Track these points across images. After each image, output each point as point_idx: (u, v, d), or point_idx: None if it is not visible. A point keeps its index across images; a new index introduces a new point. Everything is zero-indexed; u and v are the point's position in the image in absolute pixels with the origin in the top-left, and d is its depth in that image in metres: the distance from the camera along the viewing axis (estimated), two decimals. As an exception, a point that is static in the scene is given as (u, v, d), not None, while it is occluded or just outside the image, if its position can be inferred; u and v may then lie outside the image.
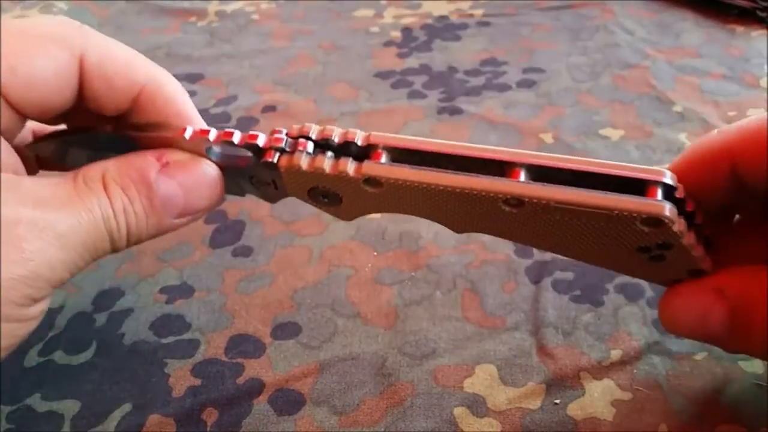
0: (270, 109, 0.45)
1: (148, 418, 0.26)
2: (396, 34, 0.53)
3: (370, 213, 0.24)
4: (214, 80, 0.48)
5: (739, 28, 0.50)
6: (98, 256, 0.22)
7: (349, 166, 0.22)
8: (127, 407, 0.26)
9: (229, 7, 0.59)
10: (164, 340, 0.29)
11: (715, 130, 0.23)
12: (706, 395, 0.25)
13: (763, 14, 0.50)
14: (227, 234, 0.34)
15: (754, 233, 0.24)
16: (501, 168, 0.21)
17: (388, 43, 0.52)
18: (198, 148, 0.23)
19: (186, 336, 0.29)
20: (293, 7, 0.59)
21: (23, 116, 0.23)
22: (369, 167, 0.21)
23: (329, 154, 0.22)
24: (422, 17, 0.55)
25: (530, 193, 0.20)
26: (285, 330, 0.29)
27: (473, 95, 0.45)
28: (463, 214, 0.22)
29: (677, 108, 0.42)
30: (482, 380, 0.26)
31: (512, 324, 0.29)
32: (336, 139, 0.22)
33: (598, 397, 0.25)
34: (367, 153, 0.22)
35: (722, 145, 0.22)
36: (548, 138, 0.40)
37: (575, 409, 0.25)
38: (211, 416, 0.26)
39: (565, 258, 0.29)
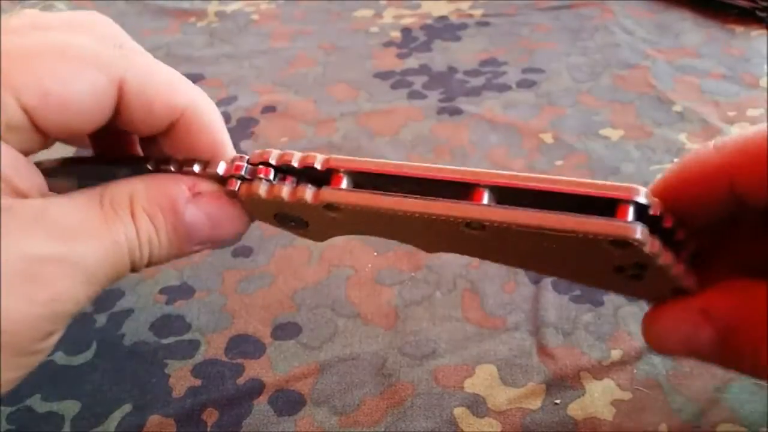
0: (270, 109, 0.45)
1: (149, 419, 0.26)
2: (396, 35, 0.53)
3: (340, 235, 0.23)
4: (214, 81, 0.48)
5: (739, 28, 0.50)
6: (116, 280, 0.21)
7: (308, 193, 0.21)
8: (127, 408, 0.26)
9: (229, 8, 0.59)
10: (164, 341, 0.29)
11: (711, 143, 0.22)
12: (706, 395, 0.25)
13: (762, 14, 0.50)
14: (227, 234, 0.34)
15: (753, 246, 0.24)
16: (465, 189, 0.20)
17: (388, 44, 0.52)
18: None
19: (186, 336, 0.29)
20: (293, 8, 0.59)
21: (49, 137, 0.21)
22: (327, 193, 0.21)
23: (290, 180, 0.22)
24: (422, 17, 0.55)
25: (490, 217, 0.19)
26: (285, 330, 0.29)
27: (473, 95, 0.45)
28: (429, 236, 0.22)
29: (677, 108, 0.42)
30: (482, 380, 0.26)
31: (512, 324, 0.29)
32: (296, 164, 0.21)
33: (599, 397, 0.25)
34: (328, 177, 0.21)
35: (720, 161, 0.22)
36: (548, 138, 0.40)
37: (575, 409, 0.25)
38: (211, 417, 0.26)
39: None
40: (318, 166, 0.21)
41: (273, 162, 0.22)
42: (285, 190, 0.21)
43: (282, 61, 0.50)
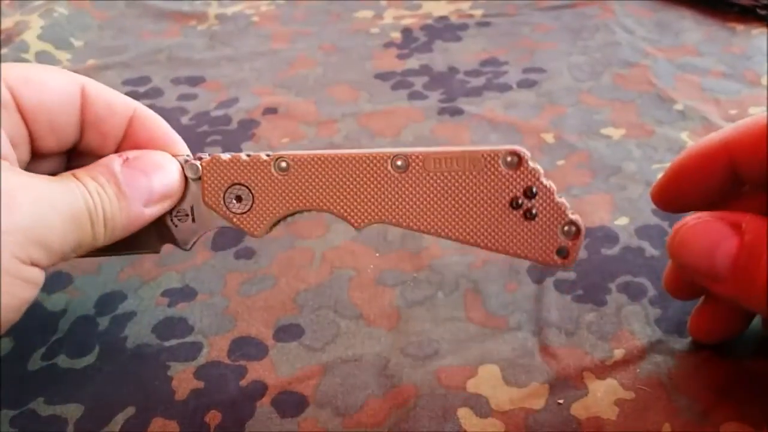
0: (271, 111, 0.45)
1: (152, 421, 0.26)
2: (396, 35, 0.53)
3: (280, 215, 0.26)
4: (214, 83, 0.49)
5: (740, 26, 0.50)
6: (82, 237, 0.23)
7: (262, 154, 0.26)
8: (130, 410, 0.26)
9: (229, 10, 0.59)
10: (167, 343, 0.29)
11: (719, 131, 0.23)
12: (709, 394, 0.25)
13: (763, 12, 0.50)
14: (229, 237, 0.34)
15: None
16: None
17: (389, 45, 0.52)
18: None
19: (189, 339, 0.29)
20: (293, 9, 0.59)
21: (31, 134, 0.25)
22: (278, 153, 0.26)
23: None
24: (422, 18, 0.55)
25: (413, 151, 0.25)
26: (288, 332, 0.29)
27: (474, 96, 0.45)
28: (360, 193, 0.25)
29: (678, 106, 0.42)
30: (485, 381, 0.26)
31: (515, 324, 0.29)
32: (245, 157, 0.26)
33: (602, 397, 0.25)
34: None
35: (721, 141, 0.23)
36: (549, 138, 0.40)
37: (579, 409, 0.25)
38: (214, 419, 0.26)
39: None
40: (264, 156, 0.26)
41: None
42: (243, 154, 0.26)
43: (282, 63, 0.50)
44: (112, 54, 0.53)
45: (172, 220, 0.27)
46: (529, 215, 0.24)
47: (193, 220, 0.27)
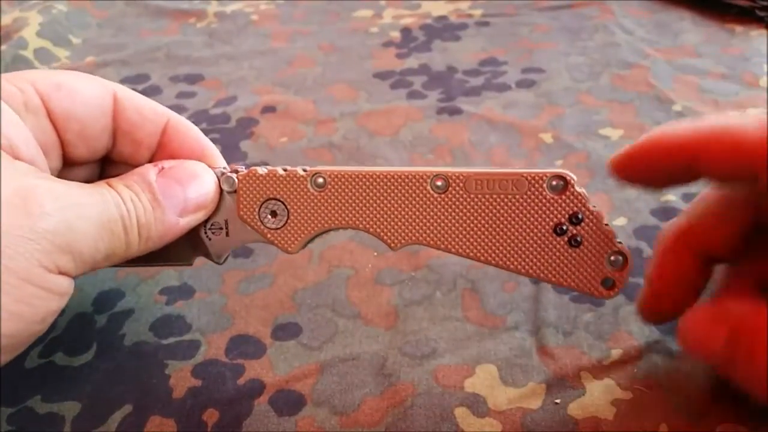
0: (270, 110, 0.45)
1: (149, 420, 0.26)
2: (395, 35, 0.53)
3: (315, 232, 0.26)
4: (213, 81, 0.48)
5: (738, 28, 0.50)
6: (115, 244, 0.23)
7: (299, 168, 0.25)
8: (127, 408, 0.26)
9: (228, 8, 0.59)
10: (165, 341, 0.29)
11: (684, 122, 0.23)
12: (706, 394, 0.25)
13: (762, 13, 0.50)
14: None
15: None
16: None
17: (388, 44, 0.52)
18: None
19: (186, 337, 0.29)
20: (292, 8, 0.59)
21: (62, 141, 0.25)
22: (315, 168, 0.25)
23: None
24: (421, 17, 0.55)
25: (454, 171, 0.24)
26: (285, 331, 0.29)
27: (473, 95, 0.45)
28: (397, 213, 0.25)
29: (677, 107, 0.42)
30: (483, 380, 0.26)
31: (512, 324, 0.29)
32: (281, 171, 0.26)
33: (599, 397, 0.25)
34: None
35: (689, 138, 0.23)
36: (548, 138, 0.40)
37: (576, 409, 0.25)
38: (211, 417, 0.26)
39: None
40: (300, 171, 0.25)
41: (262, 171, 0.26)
42: (279, 168, 0.25)
43: (281, 62, 0.50)
44: (110, 51, 0.53)
45: (206, 232, 0.26)
46: (574, 242, 0.24)
47: (227, 233, 0.26)
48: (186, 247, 0.27)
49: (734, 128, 0.22)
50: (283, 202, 0.25)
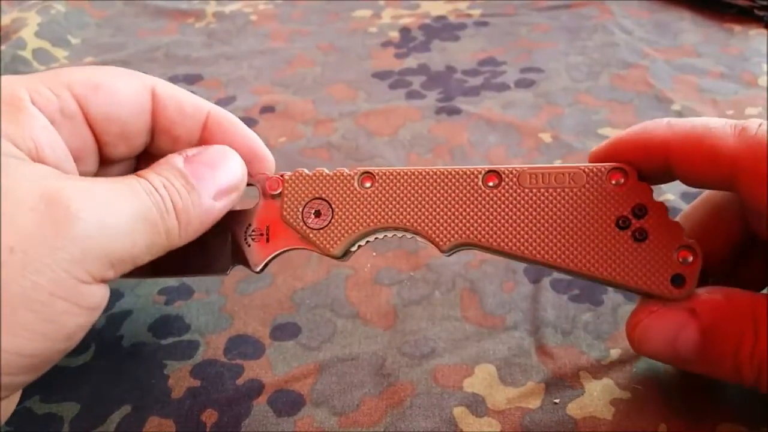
0: (269, 110, 0.45)
1: (148, 420, 0.26)
2: (394, 35, 0.53)
3: (359, 231, 0.25)
4: (212, 81, 0.48)
5: (737, 27, 0.50)
6: (154, 234, 0.22)
7: (345, 169, 0.25)
8: (126, 409, 0.26)
9: (227, 8, 0.59)
10: (163, 342, 0.29)
11: (666, 119, 0.23)
12: (705, 394, 0.25)
13: (760, 13, 0.50)
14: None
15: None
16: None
17: (386, 44, 0.52)
18: None
19: (185, 337, 0.29)
20: (291, 8, 0.59)
21: (100, 143, 0.24)
22: (363, 167, 0.25)
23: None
24: (420, 17, 0.55)
25: (506, 167, 0.23)
26: (284, 331, 0.29)
27: (472, 95, 0.45)
28: (447, 211, 0.24)
29: (676, 107, 0.42)
30: (482, 380, 0.26)
31: (511, 323, 0.29)
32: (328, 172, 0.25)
33: (598, 396, 0.25)
34: None
35: (664, 136, 0.23)
36: (547, 138, 0.40)
37: (575, 409, 0.25)
38: (210, 417, 0.26)
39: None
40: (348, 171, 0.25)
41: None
42: (325, 169, 0.25)
43: (280, 62, 0.50)
44: (109, 51, 0.53)
45: (246, 239, 0.26)
46: (639, 236, 0.22)
47: (268, 239, 0.26)
48: (225, 253, 0.26)
49: (711, 134, 0.21)
50: (328, 201, 0.25)
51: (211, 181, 0.24)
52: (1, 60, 0.49)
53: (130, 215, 0.21)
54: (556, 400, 0.25)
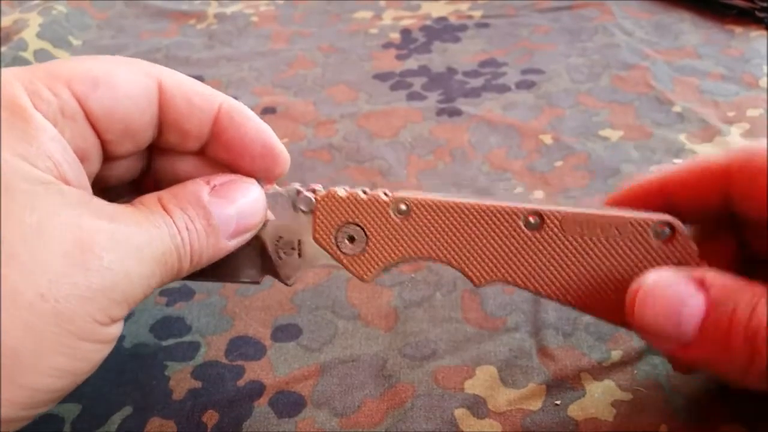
0: (270, 111, 0.45)
1: (149, 421, 0.26)
2: (395, 36, 0.53)
3: (393, 259, 0.24)
4: (213, 83, 0.48)
5: (738, 29, 0.50)
6: (167, 275, 0.22)
7: (380, 193, 0.24)
8: (127, 410, 0.26)
9: (228, 10, 0.59)
10: (164, 343, 0.29)
11: (723, 150, 0.23)
12: (707, 395, 0.25)
13: (761, 15, 0.50)
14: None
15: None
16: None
17: (387, 45, 0.52)
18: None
19: (186, 338, 0.29)
20: (292, 10, 0.59)
21: (103, 142, 0.23)
22: (399, 193, 0.24)
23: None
24: (421, 19, 0.55)
25: (551, 209, 0.22)
26: (285, 332, 0.29)
27: (472, 96, 0.45)
28: (485, 248, 0.23)
29: (676, 108, 0.42)
30: (483, 381, 0.26)
31: (512, 325, 0.29)
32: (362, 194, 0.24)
33: (599, 398, 0.25)
34: None
35: (722, 164, 0.22)
36: (547, 139, 0.40)
37: (576, 410, 0.25)
38: (211, 419, 0.26)
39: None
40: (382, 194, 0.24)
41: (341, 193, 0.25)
42: (360, 191, 0.24)
43: (281, 63, 0.50)
44: (110, 53, 0.53)
45: (277, 252, 0.25)
46: None
47: (300, 254, 0.25)
48: (256, 265, 0.26)
49: (700, 163, 0.22)
50: (362, 228, 0.24)
51: (230, 221, 0.23)
52: (2, 61, 0.49)
53: (152, 261, 0.21)
54: (558, 402, 0.25)
